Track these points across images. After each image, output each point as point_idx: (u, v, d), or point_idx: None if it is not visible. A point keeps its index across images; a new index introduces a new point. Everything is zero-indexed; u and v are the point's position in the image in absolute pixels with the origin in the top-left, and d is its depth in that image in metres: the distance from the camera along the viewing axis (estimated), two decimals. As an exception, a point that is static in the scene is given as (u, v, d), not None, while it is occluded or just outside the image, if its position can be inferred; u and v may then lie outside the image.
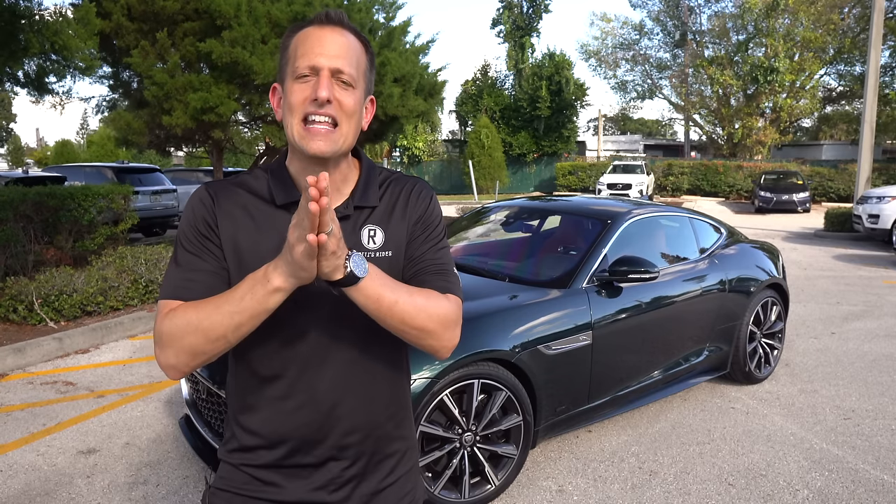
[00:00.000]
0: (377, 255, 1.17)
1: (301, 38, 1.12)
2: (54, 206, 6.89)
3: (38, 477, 3.17)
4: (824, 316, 6.47)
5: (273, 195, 1.16)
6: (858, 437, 3.64)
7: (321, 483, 1.18)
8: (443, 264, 1.21)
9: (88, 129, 52.52)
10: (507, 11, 31.96)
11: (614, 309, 3.41)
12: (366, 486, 1.21)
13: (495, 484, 2.91)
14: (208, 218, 1.14)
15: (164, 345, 1.07)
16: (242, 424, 1.19)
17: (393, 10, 10.31)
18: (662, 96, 36.50)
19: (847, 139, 34.87)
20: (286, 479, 1.18)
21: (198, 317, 1.04)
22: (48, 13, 6.39)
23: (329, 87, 1.08)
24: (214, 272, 1.13)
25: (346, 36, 1.13)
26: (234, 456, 1.20)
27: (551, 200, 5.05)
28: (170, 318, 1.07)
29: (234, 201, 1.16)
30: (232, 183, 1.19)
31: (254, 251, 1.13)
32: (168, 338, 1.06)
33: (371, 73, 1.19)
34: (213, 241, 1.14)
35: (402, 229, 1.20)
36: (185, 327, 1.05)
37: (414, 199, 1.23)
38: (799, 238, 13.45)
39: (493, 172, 26.94)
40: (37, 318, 5.51)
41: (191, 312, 1.05)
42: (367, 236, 1.17)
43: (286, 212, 1.14)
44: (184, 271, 1.13)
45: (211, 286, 1.11)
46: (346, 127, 1.12)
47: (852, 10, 28.35)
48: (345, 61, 1.10)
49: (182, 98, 8.17)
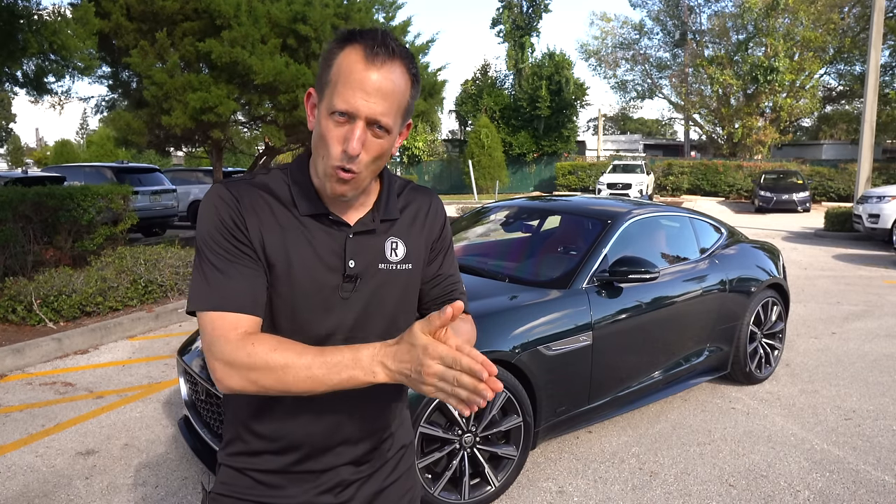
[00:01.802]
0: (398, 267, 1.19)
1: (344, 68, 1.03)
2: (54, 207, 6.87)
3: (36, 478, 3.16)
4: (825, 316, 6.46)
5: (297, 204, 1.13)
6: (859, 437, 3.63)
7: (328, 486, 1.18)
8: (458, 283, 1.32)
9: (88, 129, 52.51)
10: (506, 11, 31.96)
11: (614, 309, 3.40)
12: (369, 486, 1.23)
13: (495, 485, 2.90)
14: (235, 218, 1.09)
15: (233, 369, 1.03)
16: (253, 429, 1.18)
17: (393, 10, 10.30)
18: (662, 96, 36.51)
19: (847, 139, 34.85)
20: (292, 483, 1.17)
21: (284, 363, 1.00)
22: (47, 13, 6.39)
23: (361, 139, 1.03)
24: (256, 275, 1.09)
25: (393, 74, 1.04)
26: (238, 459, 1.19)
27: (551, 200, 5.04)
28: (248, 350, 1.02)
29: (257, 202, 1.12)
30: (250, 184, 1.14)
31: (282, 258, 1.10)
32: (241, 367, 1.02)
33: (413, 102, 1.12)
34: (245, 243, 1.09)
35: (420, 245, 1.23)
36: (263, 366, 1.01)
37: (433, 216, 1.27)
38: (799, 238, 13.44)
39: (492, 172, 26.94)
40: (36, 318, 5.50)
41: (277, 356, 1.01)
42: (389, 248, 1.18)
43: (311, 220, 1.13)
44: (227, 279, 1.07)
45: (256, 293, 1.08)
46: (372, 168, 1.09)
47: (852, 9, 28.36)
48: (384, 108, 1.03)
49: (181, 98, 8.16)
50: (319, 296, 1.12)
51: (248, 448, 1.18)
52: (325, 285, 1.12)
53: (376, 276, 1.16)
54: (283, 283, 1.10)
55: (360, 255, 1.14)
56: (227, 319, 1.05)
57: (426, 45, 10.86)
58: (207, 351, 1.05)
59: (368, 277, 1.15)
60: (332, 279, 1.13)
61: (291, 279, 1.10)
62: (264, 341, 1.03)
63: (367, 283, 1.15)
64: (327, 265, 1.12)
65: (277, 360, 1.01)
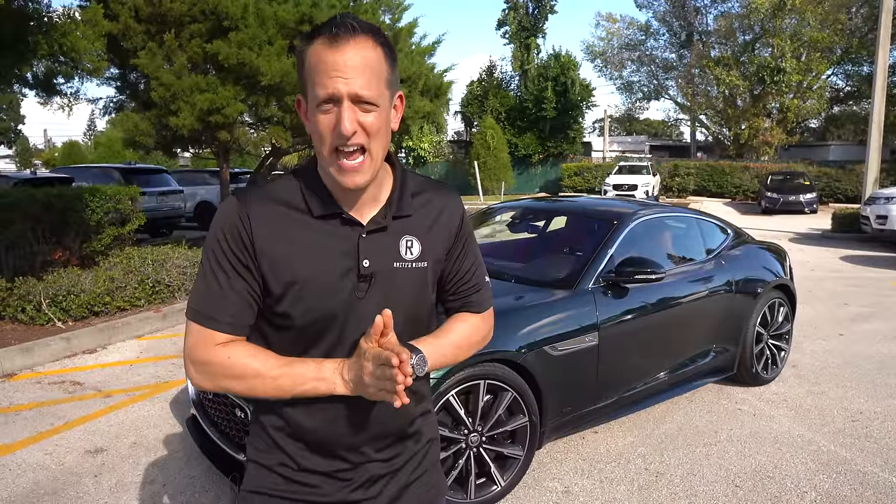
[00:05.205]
0: (413, 265, 1.19)
1: (314, 61, 1.06)
2: (62, 207, 6.92)
3: (46, 476, 3.18)
4: (832, 317, 6.44)
5: (309, 206, 1.14)
6: (867, 439, 3.61)
7: (359, 483, 1.20)
8: (479, 279, 1.34)
9: (96, 130, 52.77)
10: (512, 12, 31.93)
11: (620, 310, 3.40)
12: (396, 481, 1.24)
13: (501, 484, 2.91)
14: (245, 237, 1.11)
15: (204, 373, 1.13)
16: (284, 428, 1.19)
17: (399, 11, 10.33)
18: (668, 97, 36.48)
19: (855, 140, 34.63)
20: (325, 480, 1.19)
21: (253, 371, 1.11)
22: (56, 15, 6.43)
23: (352, 118, 1.05)
24: (248, 296, 1.14)
25: (359, 48, 1.05)
26: (268, 457, 1.20)
27: (557, 201, 5.05)
28: (220, 356, 1.12)
29: (270, 216, 1.13)
30: (263, 197, 1.15)
31: (294, 266, 1.12)
32: (213, 371, 1.12)
33: (394, 74, 1.12)
34: (246, 265, 1.12)
35: (439, 243, 1.23)
36: (238, 375, 1.11)
37: (450, 213, 1.26)
38: (806, 239, 13.38)
39: (498, 173, 26.91)
40: (44, 318, 5.54)
41: (246, 365, 1.11)
42: (404, 247, 1.19)
43: (323, 222, 1.14)
44: (223, 295, 1.13)
45: (245, 315, 1.14)
46: (375, 147, 1.10)
47: (860, 9, 28.21)
48: (363, 82, 1.04)
49: (189, 99, 8.21)
50: (336, 300, 1.14)
51: (280, 446, 1.19)
52: (341, 290, 1.14)
53: (392, 275, 1.17)
54: (297, 298, 1.12)
55: (374, 254, 1.15)
56: (213, 334, 1.13)
57: (432, 47, 10.88)
58: (187, 352, 1.14)
59: (383, 276, 1.16)
60: (348, 283, 1.14)
61: (305, 293, 1.12)
62: (240, 352, 1.12)
63: (382, 282, 1.16)
64: (342, 271, 1.14)
65: (250, 370, 1.11)
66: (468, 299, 1.32)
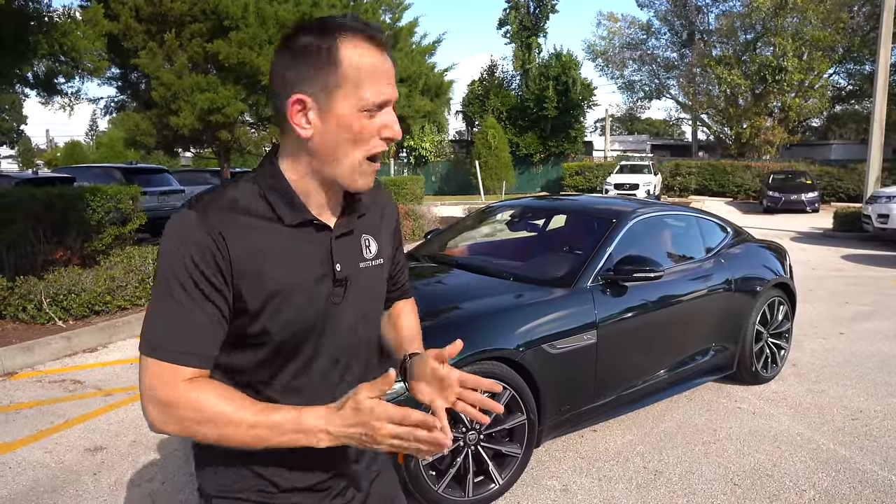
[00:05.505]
0: (374, 263, 1.20)
1: (363, 63, 1.00)
2: (63, 207, 6.94)
3: (46, 474, 3.19)
4: (833, 316, 6.43)
5: (278, 214, 1.06)
6: (866, 437, 3.61)
7: (337, 490, 1.20)
8: (406, 267, 1.42)
9: (97, 130, 52.87)
10: (513, 12, 31.94)
11: (619, 308, 3.40)
12: (367, 479, 1.26)
13: (499, 483, 2.91)
14: (219, 259, 1.00)
15: (169, 416, 0.98)
16: (259, 458, 1.14)
17: (399, 10, 10.34)
18: (670, 96, 36.43)
19: (856, 138, 34.58)
20: (306, 496, 1.16)
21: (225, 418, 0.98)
22: (57, 14, 6.45)
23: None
24: (218, 322, 1.03)
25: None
26: (240, 488, 1.14)
27: (556, 200, 5.05)
28: (188, 396, 0.98)
29: (241, 231, 1.03)
30: (226, 208, 1.03)
31: (276, 277, 1.05)
32: (179, 414, 0.98)
33: None
34: (219, 288, 1.01)
35: (386, 242, 1.27)
36: (203, 416, 0.98)
37: (391, 210, 1.31)
38: (808, 238, 13.37)
39: (499, 173, 26.91)
40: (45, 317, 5.56)
41: (218, 409, 0.98)
42: (364, 246, 1.19)
43: (296, 230, 1.08)
44: (189, 325, 1.00)
45: (212, 340, 1.03)
46: None
47: (861, 8, 28.15)
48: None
49: (189, 99, 8.23)
50: (313, 309, 1.09)
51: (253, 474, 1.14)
52: (317, 299, 1.09)
53: (360, 276, 1.16)
54: (276, 311, 1.06)
55: (345, 257, 1.13)
56: (179, 370, 0.99)
57: (433, 46, 10.90)
58: (146, 392, 0.99)
59: (355, 278, 1.15)
60: (323, 289, 1.10)
61: (285, 306, 1.06)
62: (210, 392, 0.99)
63: (355, 284, 1.15)
64: (316, 278, 1.09)
65: (222, 416, 0.98)
66: (403, 287, 1.40)
